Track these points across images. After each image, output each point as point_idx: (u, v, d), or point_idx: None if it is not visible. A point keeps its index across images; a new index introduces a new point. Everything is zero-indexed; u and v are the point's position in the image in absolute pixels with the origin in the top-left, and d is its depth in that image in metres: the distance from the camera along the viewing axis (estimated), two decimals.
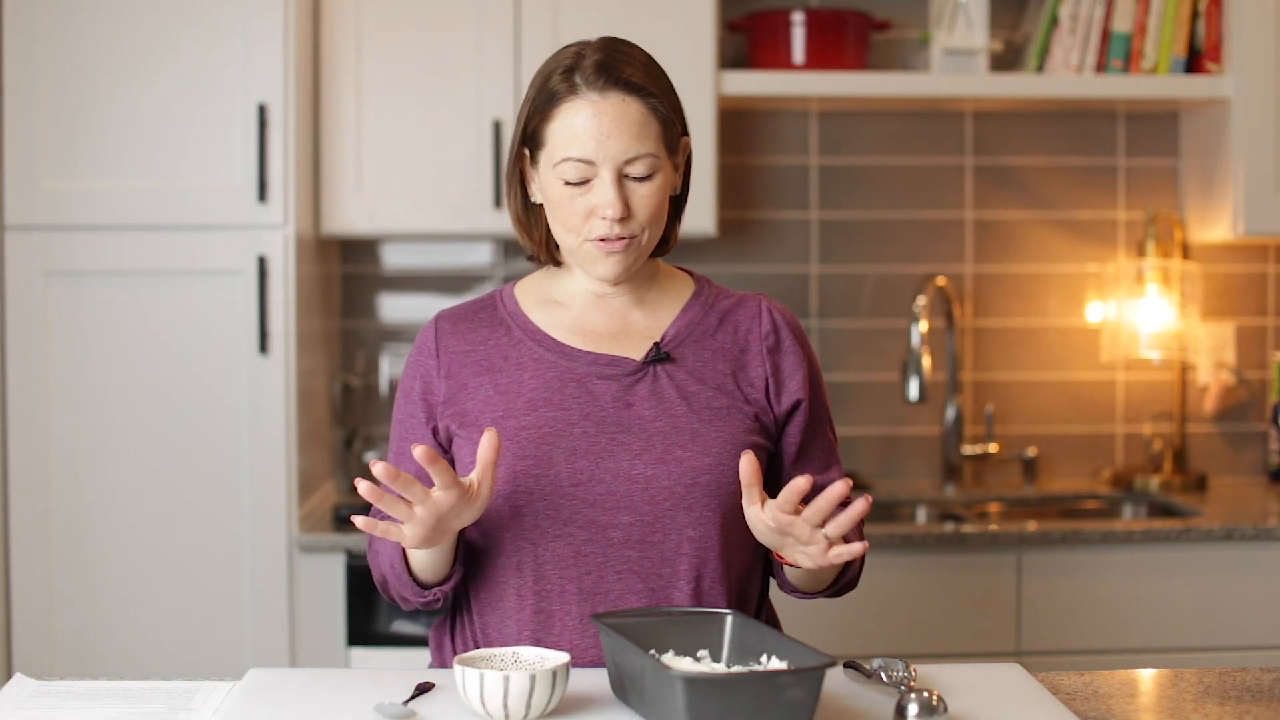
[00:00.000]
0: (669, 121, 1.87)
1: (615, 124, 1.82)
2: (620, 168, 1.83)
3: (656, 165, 1.85)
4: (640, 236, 1.86)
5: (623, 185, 1.83)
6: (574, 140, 1.82)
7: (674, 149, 1.89)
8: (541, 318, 1.94)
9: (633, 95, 1.83)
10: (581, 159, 1.82)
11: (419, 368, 1.95)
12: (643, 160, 1.83)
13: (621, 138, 1.82)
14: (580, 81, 1.83)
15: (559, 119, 1.84)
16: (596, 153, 1.82)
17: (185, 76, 3.06)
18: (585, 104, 1.82)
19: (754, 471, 1.71)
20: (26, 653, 3.06)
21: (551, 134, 1.85)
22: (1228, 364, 3.69)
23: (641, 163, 1.83)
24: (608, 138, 1.82)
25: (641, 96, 1.84)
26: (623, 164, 1.82)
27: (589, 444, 1.85)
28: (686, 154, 1.94)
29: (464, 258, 3.62)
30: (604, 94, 1.82)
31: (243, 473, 3.08)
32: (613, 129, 1.82)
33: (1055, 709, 1.69)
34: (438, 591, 1.87)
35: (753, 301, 1.97)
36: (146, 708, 1.71)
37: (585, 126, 1.82)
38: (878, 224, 3.68)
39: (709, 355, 1.91)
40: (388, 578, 1.90)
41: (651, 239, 1.88)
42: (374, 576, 1.96)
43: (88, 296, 3.07)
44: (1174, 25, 3.46)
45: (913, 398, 3.47)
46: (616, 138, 1.82)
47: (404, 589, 1.88)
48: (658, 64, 1.90)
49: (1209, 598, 3.13)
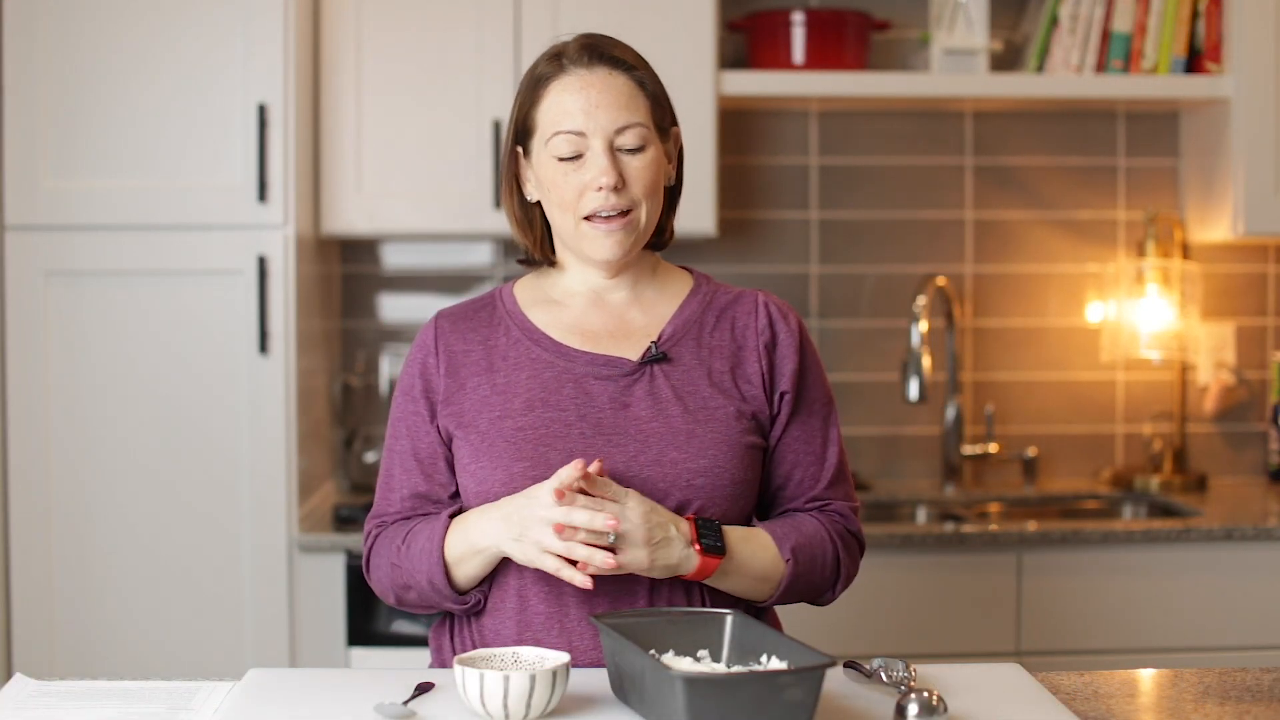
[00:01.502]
0: (658, 100, 1.89)
1: (603, 95, 1.85)
2: (611, 138, 1.85)
3: (647, 137, 1.87)
4: (637, 211, 1.87)
5: (615, 156, 1.85)
6: (564, 114, 1.85)
7: (664, 132, 1.91)
8: (540, 317, 1.94)
9: (619, 70, 1.87)
10: (572, 131, 1.85)
11: (420, 365, 1.95)
12: (633, 130, 1.86)
13: (610, 108, 1.85)
14: (567, 61, 1.88)
15: (548, 99, 1.87)
16: (586, 123, 1.84)
17: (185, 76, 3.06)
18: (573, 79, 1.86)
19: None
20: (26, 653, 3.06)
21: (541, 114, 1.88)
22: (1228, 364, 3.69)
23: (632, 132, 1.85)
24: (596, 108, 1.85)
25: (627, 70, 1.88)
26: (613, 134, 1.85)
27: (585, 445, 1.84)
28: (678, 145, 1.96)
29: (464, 258, 3.62)
30: (591, 68, 1.87)
31: (243, 473, 3.08)
32: (600, 100, 1.85)
33: (1055, 709, 1.69)
34: (478, 593, 1.87)
35: (750, 297, 1.97)
36: (146, 708, 1.71)
37: (574, 100, 1.85)
38: (878, 224, 3.68)
39: (706, 353, 1.91)
40: (418, 589, 1.88)
41: (649, 218, 1.89)
42: (377, 587, 1.95)
43: (88, 296, 3.07)
44: (1174, 25, 3.46)
45: (913, 398, 3.47)
46: (605, 108, 1.85)
47: (443, 600, 1.87)
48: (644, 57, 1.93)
49: (1209, 598, 3.13)
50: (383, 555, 1.92)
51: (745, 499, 1.89)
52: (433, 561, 1.85)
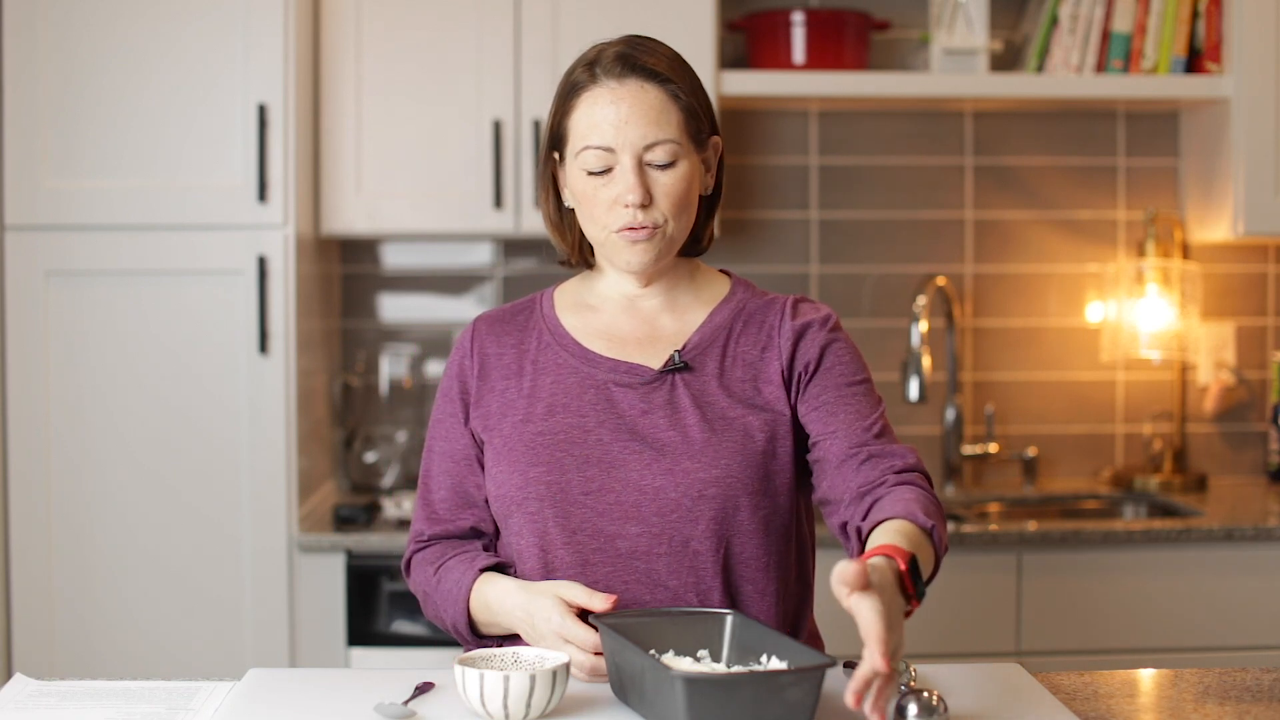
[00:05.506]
0: (693, 112, 1.86)
1: (633, 110, 1.82)
2: (640, 154, 1.82)
3: (678, 153, 1.84)
4: (665, 227, 1.85)
5: (643, 172, 1.83)
6: (593, 128, 1.83)
7: (700, 143, 1.88)
8: (572, 321, 1.94)
9: (651, 82, 1.83)
10: (600, 146, 1.82)
11: (457, 367, 1.96)
12: (662, 147, 1.83)
13: (639, 123, 1.82)
14: (599, 71, 1.84)
15: (579, 110, 1.84)
16: (615, 139, 1.82)
17: (185, 76, 3.06)
18: (604, 91, 1.83)
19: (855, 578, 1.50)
20: (26, 653, 3.06)
21: (573, 125, 1.85)
22: (1228, 364, 3.69)
23: (661, 149, 1.83)
24: (625, 124, 1.82)
25: (660, 83, 1.83)
26: (642, 150, 1.82)
27: (602, 452, 1.84)
28: (718, 153, 1.93)
29: (464, 258, 3.62)
30: (622, 81, 1.83)
31: (243, 473, 3.08)
32: (630, 115, 1.82)
33: (1055, 709, 1.69)
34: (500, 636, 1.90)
35: (779, 302, 1.94)
36: (146, 708, 1.71)
37: (604, 114, 1.82)
38: (878, 224, 3.68)
39: (730, 362, 1.89)
40: (444, 625, 1.92)
41: (678, 231, 1.87)
42: (416, 594, 1.99)
43: (88, 296, 3.07)
44: (1174, 25, 3.46)
45: (913, 398, 3.47)
46: (634, 123, 1.82)
47: (466, 642, 1.92)
48: (685, 61, 1.89)
49: (1209, 598, 3.13)
50: (417, 578, 1.95)
51: (769, 509, 1.86)
52: (458, 611, 1.87)
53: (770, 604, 1.87)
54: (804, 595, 1.95)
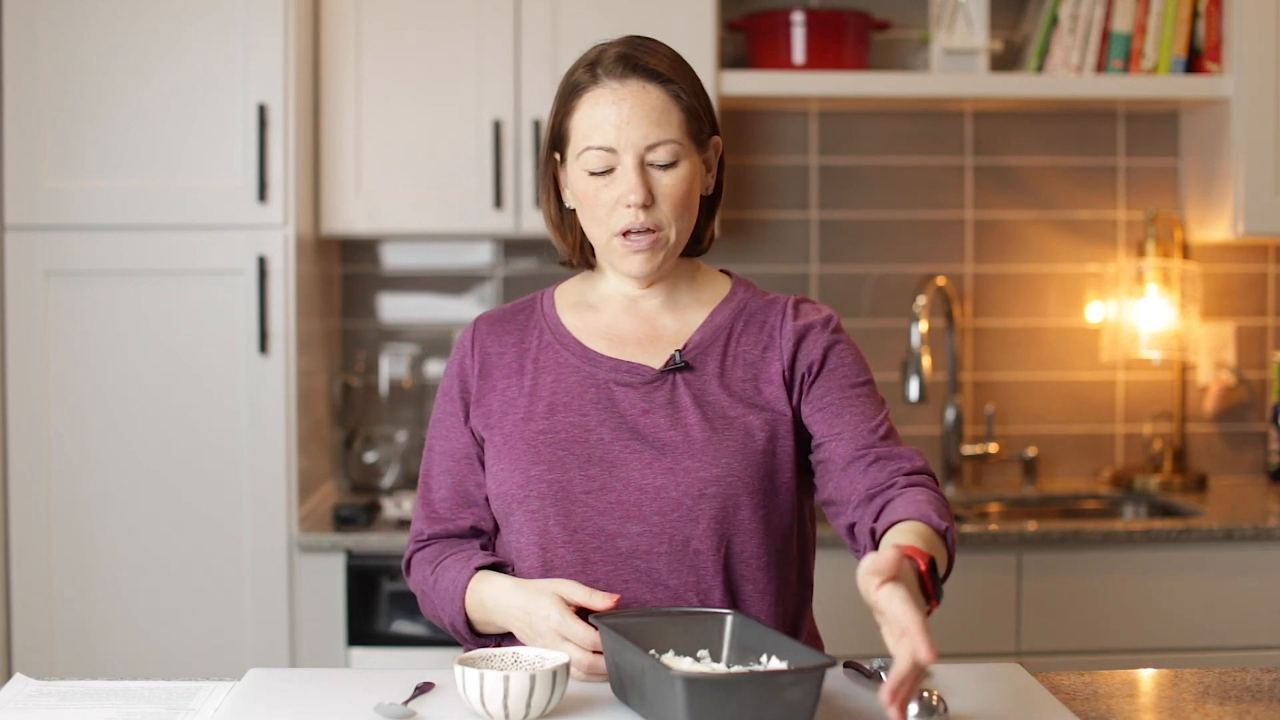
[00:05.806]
0: (694, 112, 1.86)
1: (635, 110, 1.82)
2: (641, 154, 1.82)
3: (679, 153, 1.84)
4: (667, 230, 1.85)
5: (645, 173, 1.83)
6: (595, 129, 1.83)
7: (701, 143, 1.88)
8: (573, 321, 1.94)
9: (653, 82, 1.83)
10: (602, 147, 1.82)
11: (458, 366, 1.96)
12: (664, 147, 1.83)
13: (641, 124, 1.82)
14: (601, 72, 1.84)
15: (581, 110, 1.84)
16: (617, 139, 1.82)
17: (185, 76, 3.06)
18: (605, 92, 1.83)
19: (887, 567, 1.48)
20: (26, 653, 3.06)
21: (574, 126, 1.85)
22: (1228, 364, 3.69)
23: (663, 149, 1.83)
24: (627, 124, 1.82)
25: (662, 84, 1.84)
26: (644, 150, 1.82)
27: (603, 451, 1.84)
28: (718, 154, 1.94)
29: (464, 258, 3.62)
30: (623, 81, 1.83)
31: (243, 473, 3.08)
32: (632, 115, 1.82)
33: (1055, 709, 1.69)
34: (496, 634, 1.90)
35: (780, 302, 1.95)
36: (146, 708, 1.71)
37: (605, 114, 1.82)
38: (878, 224, 3.68)
39: (731, 362, 1.90)
40: (441, 624, 1.93)
41: (680, 235, 1.87)
42: (415, 593, 1.99)
43: (88, 296, 3.07)
44: (1174, 25, 3.46)
45: (913, 398, 3.47)
46: (636, 124, 1.82)
47: (464, 641, 1.92)
48: (685, 62, 1.89)
49: (1209, 598, 3.13)
50: (416, 577, 1.96)
51: (769, 508, 1.86)
52: (454, 610, 1.88)
53: (770, 603, 1.87)
54: (804, 595, 1.95)
